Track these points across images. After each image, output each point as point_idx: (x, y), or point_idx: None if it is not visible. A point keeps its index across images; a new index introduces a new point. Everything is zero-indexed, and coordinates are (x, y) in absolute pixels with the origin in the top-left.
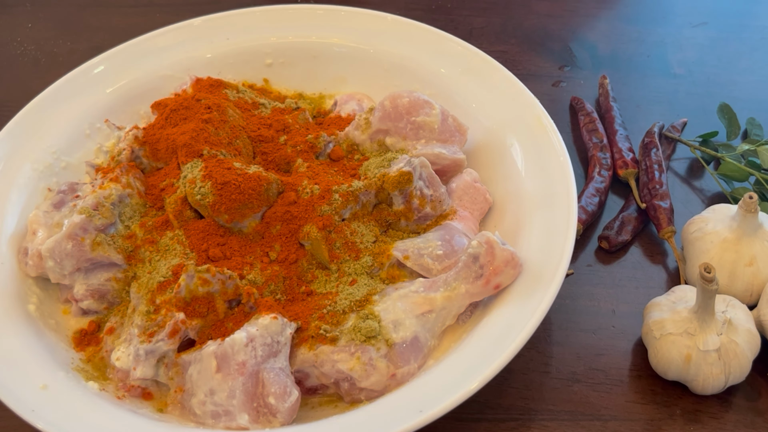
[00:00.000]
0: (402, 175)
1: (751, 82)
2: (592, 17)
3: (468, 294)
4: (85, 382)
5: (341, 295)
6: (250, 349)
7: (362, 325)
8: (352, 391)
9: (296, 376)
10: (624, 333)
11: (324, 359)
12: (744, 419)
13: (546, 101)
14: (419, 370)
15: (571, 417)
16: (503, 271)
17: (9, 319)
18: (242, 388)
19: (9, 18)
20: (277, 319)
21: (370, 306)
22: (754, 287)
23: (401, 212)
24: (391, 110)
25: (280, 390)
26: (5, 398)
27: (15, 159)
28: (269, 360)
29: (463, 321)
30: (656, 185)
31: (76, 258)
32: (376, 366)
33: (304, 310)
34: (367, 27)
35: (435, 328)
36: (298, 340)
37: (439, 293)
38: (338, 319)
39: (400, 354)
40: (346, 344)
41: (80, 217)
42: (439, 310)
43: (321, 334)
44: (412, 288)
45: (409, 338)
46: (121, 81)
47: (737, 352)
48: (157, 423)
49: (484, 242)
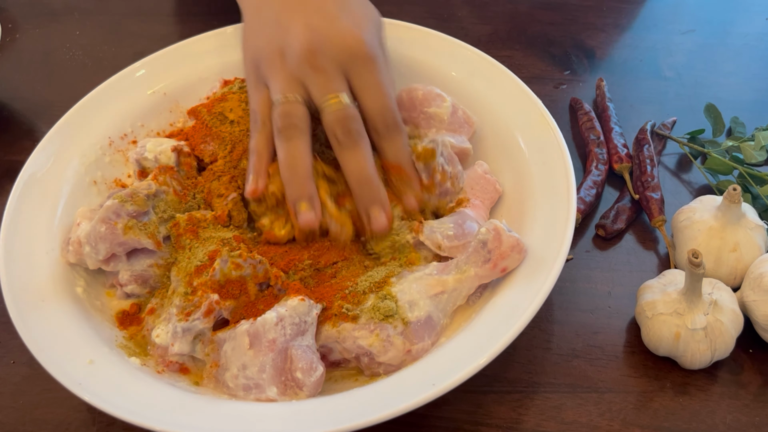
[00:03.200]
0: (426, 151)
1: (735, 84)
2: (590, 26)
3: (477, 276)
4: (127, 358)
5: (362, 277)
6: (279, 327)
7: (381, 305)
8: (372, 365)
9: (321, 351)
10: (619, 313)
11: (346, 336)
12: (728, 391)
13: (548, 102)
14: (433, 347)
15: (571, 389)
16: (509, 256)
17: (59, 301)
18: (272, 363)
19: (59, 26)
20: (305, 301)
21: (388, 287)
22: (738, 271)
23: (426, 186)
24: (407, 101)
25: (307, 365)
26: (55, 372)
27: (65, 154)
28: (297, 338)
29: (473, 301)
30: (648, 178)
31: (109, 241)
32: (393, 342)
33: (329, 291)
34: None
35: (447, 307)
36: (323, 318)
37: (451, 276)
38: (359, 299)
39: (415, 331)
40: (366, 322)
41: (113, 202)
42: (451, 291)
43: (343, 312)
44: (426, 271)
45: (423, 317)
46: (160, 83)
47: (722, 331)
48: (193, 395)
49: (491, 229)
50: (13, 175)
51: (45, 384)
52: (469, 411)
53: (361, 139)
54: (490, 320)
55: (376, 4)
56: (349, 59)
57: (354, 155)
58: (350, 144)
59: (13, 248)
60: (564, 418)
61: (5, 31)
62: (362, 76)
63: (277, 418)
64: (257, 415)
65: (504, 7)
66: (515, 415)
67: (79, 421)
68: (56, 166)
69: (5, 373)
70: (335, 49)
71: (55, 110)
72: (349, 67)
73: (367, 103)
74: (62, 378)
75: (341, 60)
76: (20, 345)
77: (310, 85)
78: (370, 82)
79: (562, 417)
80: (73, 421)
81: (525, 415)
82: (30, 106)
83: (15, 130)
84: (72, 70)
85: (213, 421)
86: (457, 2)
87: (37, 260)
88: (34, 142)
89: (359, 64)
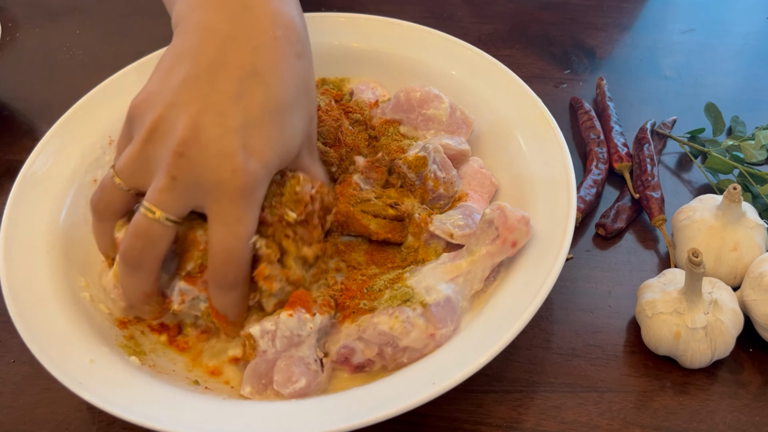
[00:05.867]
0: (418, 159)
1: (735, 84)
2: (590, 25)
3: (489, 254)
4: (127, 357)
5: (379, 276)
6: (266, 340)
7: (396, 293)
8: (396, 354)
9: (342, 354)
10: (619, 312)
11: (365, 326)
12: (728, 391)
13: (548, 101)
14: (455, 333)
15: (571, 389)
16: (517, 228)
17: (59, 300)
18: (254, 365)
19: (59, 26)
20: (293, 316)
21: (402, 281)
22: (738, 270)
23: (417, 193)
24: (405, 102)
25: (283, 379)
26: (55, 372)
27: (65, 154)
28: (290, 349)
29: (488, 285)
30: (648, 177)
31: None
32: (414, 323)
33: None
34: (385, 33)
35: (465, 290)
36: (342, 318)
37: (464, 259)
38: (375, 295)
39: (435, 313)
40: (384, 309)
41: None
42: (466, 274)
43: (361, 308)
44: (439, 261)
45: (442, 299)
46: None
47: (722, 330)
48: (193, 394)
49: (496, 208)
50: (14, 175)
51: (45, 383)
52: (469, 410)
53: (138, 269)
54: (490, 320)
55: (375, 3)
56: (213, 182)
57: (124, 280)
58: (124, 267)
59: (14, 247)
60: (564, 418)
61: (5, 31)
62: (217, 207)
63: (277, 417)
64: (257, 414)
65: (504, 6)
66: (515, 415)
67: (80, 421)
68: (56, 165)
69: (5, 372)
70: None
71: (55, 109)
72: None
73: (213, 238)
74: (62, 377)
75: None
76: (20, 344)
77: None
78: (225, 217)
79: (562, 416)
80: (74, 420)
81: (525, 415)
82: (30, 105)
83: (15, 130)
84: (72, 69)
85: (213, 421)
86: (457, 1)
87: (37, 259)
88: (34, 142)
89: (221, 193)
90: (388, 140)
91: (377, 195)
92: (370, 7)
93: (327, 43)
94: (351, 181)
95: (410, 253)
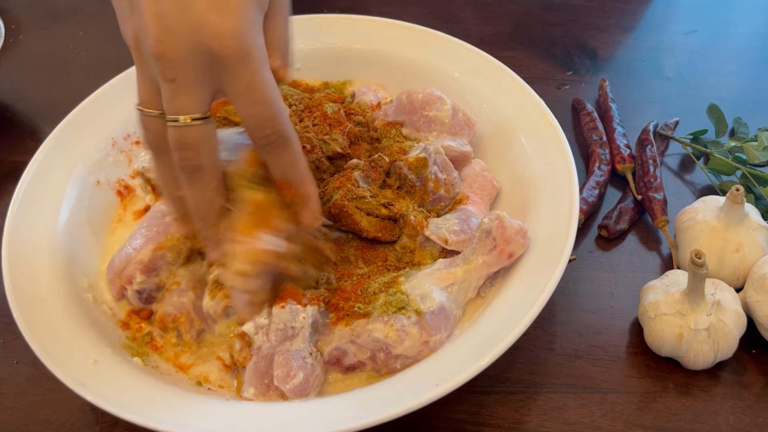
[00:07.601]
0: (418, 161)
1: (737, 85)
2: (592, 26)
3: (485, 265)
4: (131, 358)
5: (372, 278)
6: (261, 335)
7: (392, 299)
8: (388, 360)
9: (335, 355)
10: (621, 313)
11: (360, 331)
12: (731, 392)
13: (550, 102)
14: (448, 340)
15: (573, 390)
16: (514, 240)
17: (62, 302)
18: (253, 366)
19: (63, 28)
20: (285, 308)
21: (398, 285)
22: (741, 271)
23: (418, 194)
24: (407, 104)
25: (283, 373)
26: (59, 373)
27: (69, 155)
28: (285, 343)
29: (483, 293)
30: (651, 179)
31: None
32: (409, 332)
33: (341, 295)
34: (387, 34)
35: (459, 299)
36: (335, 319)
37: (459, 267)
38: (370, 299)
39: (429, 321)
40: (378, 316)
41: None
42: (461, 282)
43: (355, 311)
44: (434, 267)
45: (436, 308)
46: None
47: (725, 331)
48: (196, 395)
49: (494, 218)
50: (17, 176)
51: (48, 384)
52: (472, 411)
53: (198, 173)
54: (493, 321)
55: (378, 5)
56: (209, 61)
57: (191, 192)
58: (186, 179)
59: (17, 248)
60: (567, 419)
61: (8, 32)
62: (229, 80)
63: (279, 418)
64: (259, 415)
65: (506, 7)
66: (518, 416)
67: (83, 422)
68: (59, 166)
69: (9, 373)
70: (188, 50)
71: (58, 111)
72: (213, 70)
73: (240, 111)
74: (66, 378)
75: (200, 62)
76: (24, 345)
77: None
78: (241, 85)
79: (565, 417)
80: (77, 421)
81: (527, 416)
82: (33, 107)
83: (18, 131)
84: (75, 71)
85: (215, 421)
86: (460, 3)
87: (40, 260)
88: (37, 143)
89: (224, 65)
90: (390, 142)
91: (373, 194)
92: (372, 9)
93: (329, 45)
94: (351, 176)
95: (406, 254)
